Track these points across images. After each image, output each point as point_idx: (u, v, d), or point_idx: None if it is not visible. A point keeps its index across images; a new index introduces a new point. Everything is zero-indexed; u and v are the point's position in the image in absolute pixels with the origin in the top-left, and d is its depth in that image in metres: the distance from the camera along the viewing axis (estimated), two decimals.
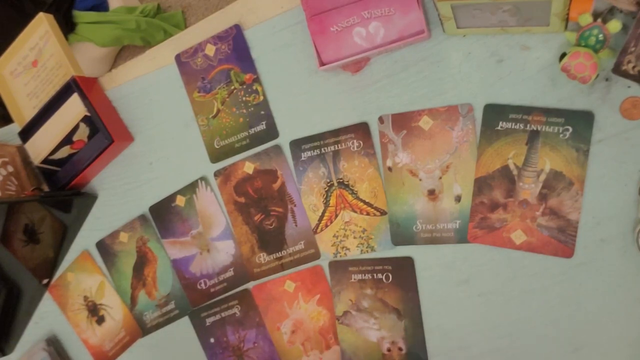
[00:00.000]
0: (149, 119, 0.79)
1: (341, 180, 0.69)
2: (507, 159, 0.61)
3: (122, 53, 1.86)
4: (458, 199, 0.64)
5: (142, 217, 0.79)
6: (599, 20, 0.54)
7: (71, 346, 0.86)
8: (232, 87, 0.73)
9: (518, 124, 0.61)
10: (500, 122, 0.61)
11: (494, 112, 0.62)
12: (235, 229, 0.74)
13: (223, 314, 0.75)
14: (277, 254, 0.72)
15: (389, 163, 0.66)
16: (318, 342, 0.71)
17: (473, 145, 0.63)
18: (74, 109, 0.77)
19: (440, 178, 0.64)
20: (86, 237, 0.83)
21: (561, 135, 0.59)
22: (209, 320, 0.76)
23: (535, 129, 0.60)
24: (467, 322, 0.65)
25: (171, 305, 0.78)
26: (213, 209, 0.75)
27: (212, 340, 0.77)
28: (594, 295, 0.60)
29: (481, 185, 0.63)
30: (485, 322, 0.64)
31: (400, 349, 0.67)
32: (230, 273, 0.75)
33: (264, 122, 0.72)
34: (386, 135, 0.66)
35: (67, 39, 1.04)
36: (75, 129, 0.78)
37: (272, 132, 0.72)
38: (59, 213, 0.80)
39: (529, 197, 0.61)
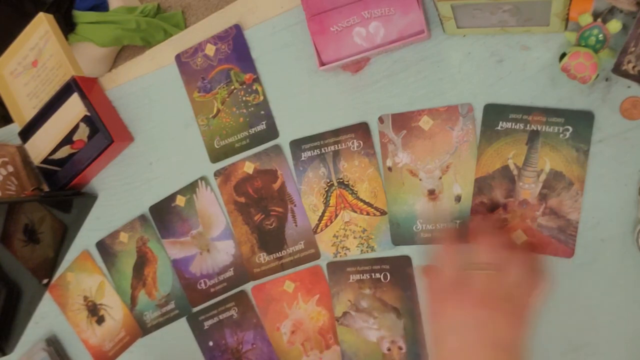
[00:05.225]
0: (149, 119, 0.79)
1: (341, 180, 0.69)
2: (507, 159, 0.61)
3: (122, 53, 1.86)
4: (458, 199, 0.64)
5: (142, 217, 0.79)
6: (599, 20, 0.54)
7: (71, 346, 0.86)
8: (232, 87, 0.73)
9: (518, 124, 0.61)
10: (500, 122, 0.61)
11: (494, 112, 0.62)
12: (235, 229, 0.74)
13: (221, 317, 0.75)
14: (277, 254, 0.72)
15: (389, 163, 0.66)
16: (318, 342, 0.71)
17: (473, 145, 0.63)
18: (74, 109, 0.77)
19: (440, 178, 0.64)
20: (86, 237, 0.83)
21: (561, 135, 0.59)
22: (207, 324, 0.76)
23: (535, 129, 0.60)
24: None
25: (171, 305, 0.78)
26: (213, 209, 0.75)
27: (210, 343, 0.77)
28: (594, 295, 0.60)
29: (481, 185, 0.63)
30: None
31: (400, 348, 0.67)
32: (230, 273, 0.75)
33: (264, 122, 0.72)
34: (386, 135, 0.66)
35: (67, 39, 1.04)
36: (75, 129, 0.78)
37: (272, 132, 0.72)
38: (59, 213, 0.80)
39: (529, 197, 0.61)
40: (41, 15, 0.80)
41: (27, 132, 0.81)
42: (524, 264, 0.53)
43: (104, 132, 0.76)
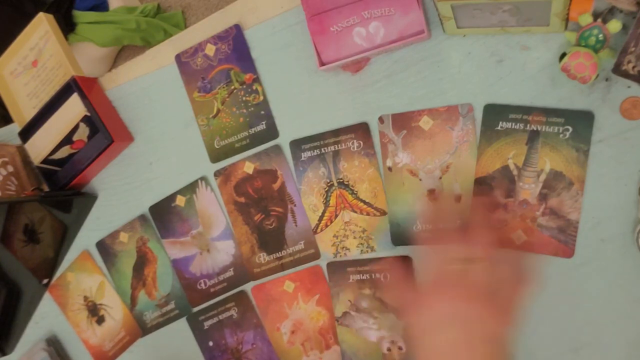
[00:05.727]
0: (149, 119, 0.79)
1: (341, 180, 0.69)
2: (507, 159, 0.61)
3: (122, 53, 1.86)
4: (458, 199, 0.64)
5: (142, 217, 0.79)
6: (599, 20, 0.54)
7: (71, 346, 0.86)
8: (232, 87, 0.73)
9: (518, 124, 0.61)
10: (500, 122, 0.61)
11: (494, 112, 0.62)
12: (235, 229, 0.74)
13: (221, 317, 0.75)
14: (277, 254, 0.72)
15: (389, 163, 0.66)
16: (318, 342, 0.71)
17: (473, 145, 0.63)
18: (74, 109, 0.77)
19: (440, 178, 0.64)
20: (86, 237, 0.83)
21: (561, 135, 0.59)
22: (207, 324, 0.76)
23: (535, 129, 0.60)
24: None
25: (171, 305, 0.78)
26: (213, 209, 0.75)
27: (210, 343, 0.77)
28: (594, 295, 0.60)
29: (481, 185, 0.63)
30: None
31: (400, 348, 0.67)
32: (230, 273, 0.75)
33: (264, 122, 0.72)
34: (386, 135, 0.66)
35: (67, 39, 1.04)
36: (75, 129, 0.78)
37: (272, 132, 0.72)
38: (59, 213, 0.80)
39: (529, 197, 0.61)
40: (41, 15, 0.80)
41: (27, 132, 0.81)
42: (516, 262, 0.54)
43: (104, 132, 0.76)
